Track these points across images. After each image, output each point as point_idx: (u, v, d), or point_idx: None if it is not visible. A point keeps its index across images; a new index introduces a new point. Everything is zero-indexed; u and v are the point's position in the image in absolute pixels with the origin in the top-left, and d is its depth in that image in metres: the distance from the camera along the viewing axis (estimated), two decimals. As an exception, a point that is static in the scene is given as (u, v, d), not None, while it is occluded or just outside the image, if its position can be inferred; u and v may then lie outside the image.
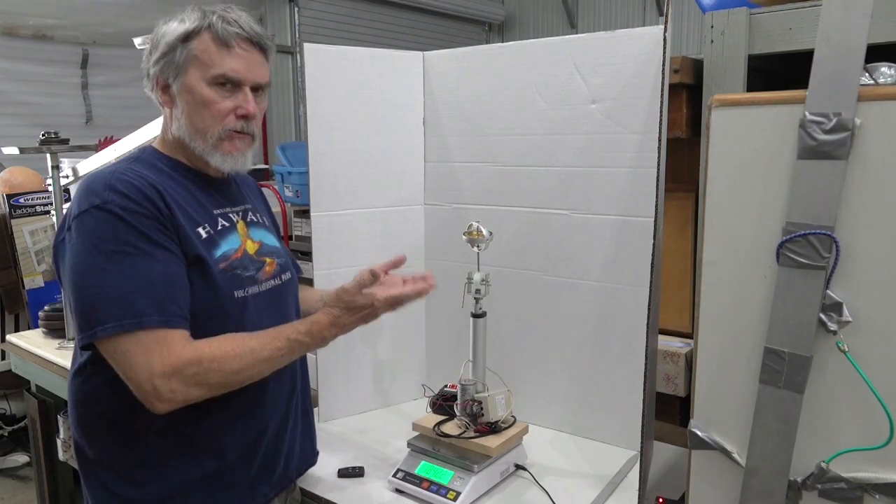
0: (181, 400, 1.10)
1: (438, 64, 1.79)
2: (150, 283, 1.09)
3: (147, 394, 1.08)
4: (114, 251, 1.09)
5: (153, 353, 1.07)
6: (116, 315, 1.07)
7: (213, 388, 1.12)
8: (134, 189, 1.13)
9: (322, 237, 1.72)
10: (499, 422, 1.44)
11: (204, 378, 1.10)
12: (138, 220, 1.11)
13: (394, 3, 6.33)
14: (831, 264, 0.94)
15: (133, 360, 1.08)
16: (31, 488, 2.99)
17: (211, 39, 1.18)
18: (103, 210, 1.10)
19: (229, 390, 1.15)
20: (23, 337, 2.58)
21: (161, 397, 1.08)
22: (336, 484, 1.48)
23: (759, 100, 0.99)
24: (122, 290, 1.08)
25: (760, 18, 1.40)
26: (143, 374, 1.07)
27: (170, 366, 1.07)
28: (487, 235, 1.46)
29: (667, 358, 1.70)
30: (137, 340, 1.07)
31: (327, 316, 1.20)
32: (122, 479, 1.19)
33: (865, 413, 0.95)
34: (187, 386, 1.09)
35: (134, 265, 1.09)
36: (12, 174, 3.34)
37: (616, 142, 1.54)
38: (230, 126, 1.21)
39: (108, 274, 1.08)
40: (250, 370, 1.14)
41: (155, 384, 1.07)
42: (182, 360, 1.08)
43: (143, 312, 1.08)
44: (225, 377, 1.12)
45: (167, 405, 1.09)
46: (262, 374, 1.17)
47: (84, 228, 1.11)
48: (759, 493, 1.02)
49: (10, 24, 4.23)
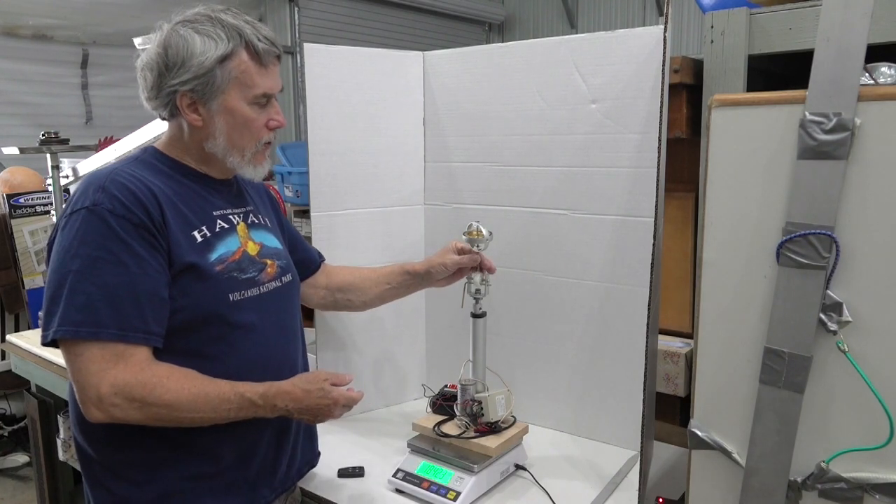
0: (119, 417, 1.09)
1: (438, 64, 1.79)
2: (118, 295, 1.09)
3: (88, 400, 1.08)
4: (92, 255, 1.09)
5: (107, 365, 1.08)
6: (76, 321, 1.07)
7: (152, 417, 1.11)
8: (127, 192, 1.12)
9: (322, 237, 1.72)
10: (499, 422, 1.44)
11: (148, 405, 1.09)
12: (123, 227, 1.10)
13: (394, 3, 6.33)
14: (831, 264, 0.94)
15: (84, 366, 1.08)
16: (31, 488, 2.99)
17: (249, 59, 1.19)
18: (91, 212, 1.10)
19: (168, 426, 1.14)
20: (23, 337, 2.57)
21: (101, 408, 1.08)
22: (336, 484, 1.48)
23: (759, 100, 0.99)
24: (88, 297, 1.08)
25: (760, 18, 1.40)
26: (91, 380, 1.08)
27: (121, 382, 1.07)
28: (487, 235, 1.46)
29: (667, 358, 1.70)
30: (92, 350, 1.08)
31: (289, 385, 1.20)
32: (120, 479, 1.19)
33: (865, 413, 0.95)
34: (130, 407, 1.08)
35: (107, 273, 1.09)
36: (12, 174, 3.34)
37: (616, 142, 1.54)
38: (265, 139, 1.24)
39: (80, 277, 1.08)
40: (195, 413, 1.12)
41: (101, 393, 1.07)
42: (133, 381, 1.08)
43: (102, 324, 1.08)
44: (169, 412, 1.10)
45: (103, 417, 1.09)
46: (204, 421, 1.14)
47: (70, 228, 1.11)
48: (759, 493, 1.02)
49: (10, 24, 4.23)
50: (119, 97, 4.71)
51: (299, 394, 1.19)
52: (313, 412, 1.22)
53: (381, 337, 1.84)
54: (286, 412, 1.19)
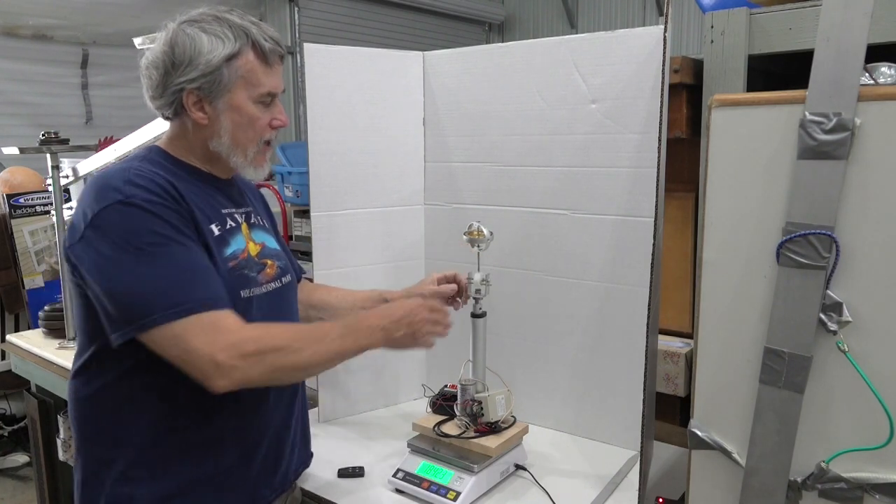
0: (241, 378, 1.09)
1: (438, 64, 1.79)
2: (191, 270, 1.11)
3: (208, 372, 1.08)
4: (149, 243, 1.09)
5: (210, 334, 1.08)
6: (164, 305, 1.07)
7: (272, 368, 1.12)
8: (153, 184, 1.14)
9: (322, 237, 1.72)
10: (499, 422, 1.44)
11: (263, 356, 1.11)
12: (165, 213, 1.12)
13: (394, 3, 6.33)
14: (831, 264, 0.94)
15: (190, 343, 1.08)
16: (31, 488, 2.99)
17: (255, 58, 1.20)
18: (128, 205, 1.10)
19: (287, 375, 1.18)
20: (23, 337, 2.57)
21: (224, 374, 1.08)
22: (336, 484, 1.48)
23: (759, 100, 0.99)
24: (166, 280, 1.09)
25: (760, 18, 1.40)
26: (203, 353, 1.07)
27: (231, 343, 1.08)
28: (488, 235, 1.46)
29: (667, 358, 1.70)
30: (190, 325, 1.08)
31: (381, 308, 1.31)
32: (123, 479, 1.19)
33: (865, 413, 0.95)
34: (248, 364, 1.09)
35: (172, 255, 1.10)
36: (12, 174, 3.34)
37: (616, 142, 1.54)
38: (266, 138, 1.26)
39: (147, 266, 1.09)
40: (305, 351, 1.15)
41: (217, 361, 1.07)
42: (241, 340, 1.10)
43: (192, 298, 1.09)
44: (284, 357, 1.13)
45: (228, 382, 1.09)
46: (316, 360, 1.17)
47: (109, 224, 1.10)
48: (759, 493, 1.02)
49: (10, 24, 4.23)
50: (119, 97, 4.71)
51: (395, 308, 1.27)
52: (412, 326, 1.26)
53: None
54: (384, 333, 1.23)
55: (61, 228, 2.38)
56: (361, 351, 1.22)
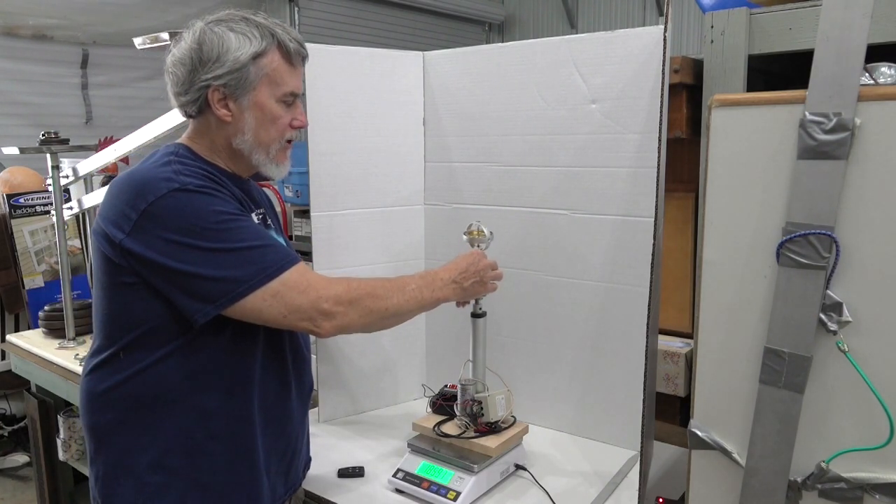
0: (343, 323, 1.18)
1: (438, 64, 1.79)
2: (262, 237, 1.17)
3: (317, 320, 1.16)
4: (217, 221, 1.12)
5: (306, 286, 1.15)
6: (254, 271, 1.12)
7: (368, 313, 1.20)
8: (200, 172, 1.17)
9: (322, 237, 1.72)
10: (499, 422, 1.44)
11: (358, 302, 1.19)
12: (221, 194, 1.16)
13: (394, 3, 6.33)
14: (831, 264, 0.94)
15: (293, 299, 1.14)
16: (31, 488, 2.99)
17: (281, 58, 1.22)
18: (186, 191, 1.12)
19: (380, 320, 1.24)
20: (23, 337, 2.58)
21: (330, 318, 1.16)
22: (336, 484, 1.48)
23: (759, 100, 0.99)
24: (247, 249, 1.13)
25: (760, 18, 1.40)
26: (308, 304, 1.15)
27: (329, 292, 1.16)
28: (488, 235, 1.46)
29: (667, 358, 1.70)
30: (285, 282, 1.14)
31: (447, 264, 1.37)
32: (156, 466, 1.18)
33: (865, 413, 0.95)
34: (350, 310, 1.18)
35: (242, 228, 1.14)
36: (12, 174, 3.34)
37: (616, 142, 1.54)
38: (287, 137, 1.28)
39: (224, 242, 1.12)
40: (390, 298, 1.23)
41: (323, 309, 1.15)
42: (336, 286, 1.18)
43: (276, 260, 1.14)
44: (375, 302, 1.21)
45: (335, 325, 1.17)
46: (402, 307, 1.25)
47: (170, 212, 1.11)
48: (759, 493, 1.02)
49: (10, 24, 4.23)
50: (119, 97, 4.71)
51: (459, 261, 1.38)
52: (479, 274, 1.38)
53: (381, 337, 1.84)
54: (455, 285, 1.34)
55: (61, 228, 2.37)
56: (438, 303, 1.31)
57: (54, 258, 3.21)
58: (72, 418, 2.34)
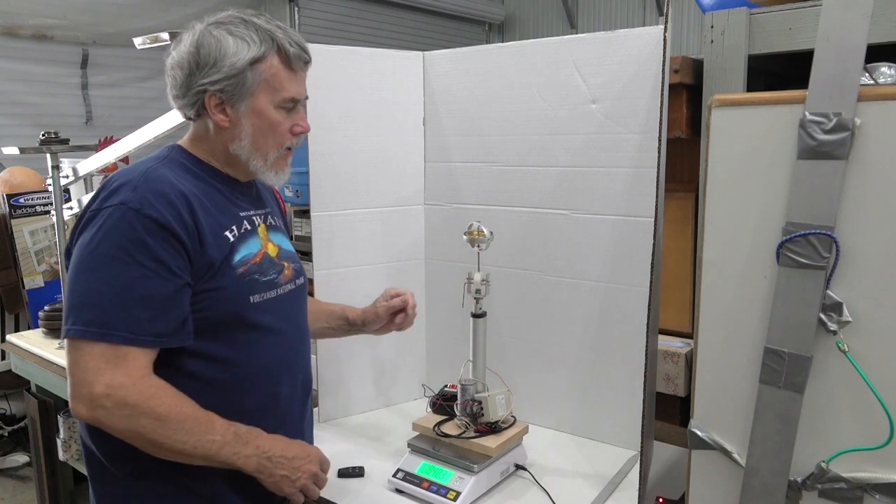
0: (102, 421, 1.07)
1: (438, 64, 1.79)
2: (133, 297, 1.08)
3: (80, 396, 1.07)
4: (112, 255, 1.08)
5: (105, 365, 1.06)
6: (87, 320, 1.07)
7: (135, 430, 1.08)
8: (158, 194, 1.12)
9: (322, 237, 1.72)
10: (499, 422, 1.44)
11: (137, 415, 1.07)
12: (147, 228, 1.09)
13: (394, 3, 6.33)
14: (831, 264, 0.94)
15: (83, 362, 1.07)
16: (31, 488, 2.99)
17: (280, 63, 1.20)
18: (119, 210, 1.10)
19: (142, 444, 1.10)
20: (23, 337, 2.58)
21: (89, 407, 1.06)
22: (336, 484, 1.48)
23: (759, 100, 0.99)
24: (102, 297, 1.07)
25: (760, 18, 1.40)
26: (87, 377, 1.06)
27: (118, 385, 1.06)
28: (488, 235, 1.46)
29: (667, 358, 1.70)
30: (96, 349, 1.07)
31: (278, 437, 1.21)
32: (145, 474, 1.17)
33: (865, 413, 0.95)
34: (118, 412, 1.06)
35: (124, 275, 1.08)
36: (12, 174, 3.34)
37: (616, 142, 1.54)
38: (287, 144, 1.25)
39: (97, 276, 1.08)
40: (180, 435, 1.09)
41: (94, 393, 1.06)
42: (131, 387, 1.07)
43: (113, 326, 1.07)
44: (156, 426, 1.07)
45: (87, 416, 1.07)
46: (182, 448, 1.09)
47: (95, 224, 1.11)
48: (759, 493, 1.02)
49: (10, 24, 4.22)
50: (119, 97, 4.71)
51: (293, 446, 1.22)
52: (295, 473, 1.20)
53: (381, 336, 1.83)
54: (265, 463, 1.16)
55: (61, 228, 2.37)
56: (229, 466, 1.14)
57: (54, 258, 3.21)
58: (72, 418, 2.34)
